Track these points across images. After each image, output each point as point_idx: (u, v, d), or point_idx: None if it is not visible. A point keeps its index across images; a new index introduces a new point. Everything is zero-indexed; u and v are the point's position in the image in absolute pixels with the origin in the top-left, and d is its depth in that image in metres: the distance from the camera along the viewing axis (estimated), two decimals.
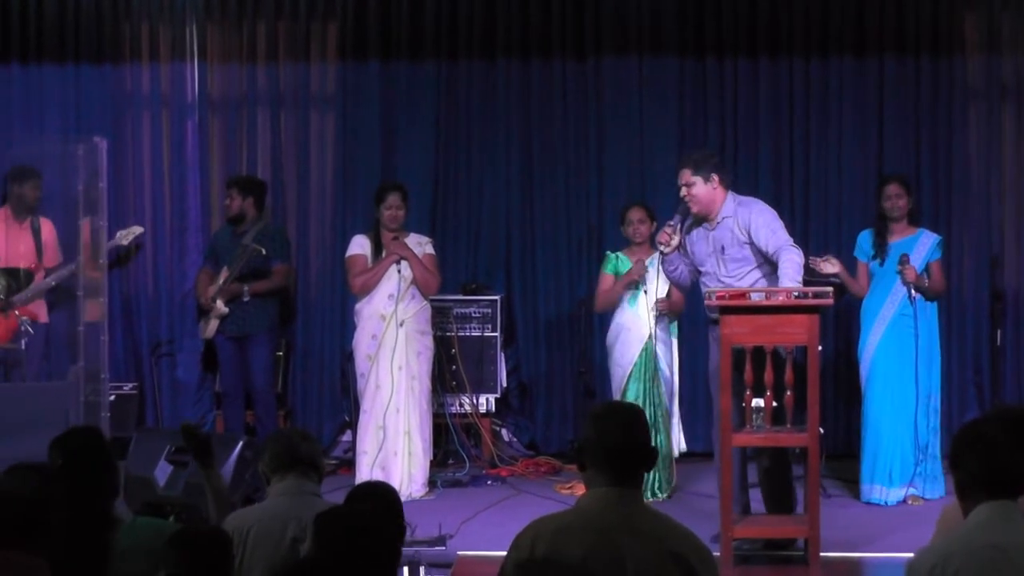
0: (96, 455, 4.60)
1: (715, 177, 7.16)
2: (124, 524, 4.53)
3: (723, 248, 7.14)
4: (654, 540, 3.66)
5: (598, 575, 3.58)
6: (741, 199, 7.26)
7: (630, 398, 8.28)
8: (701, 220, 7.24)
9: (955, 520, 4.04)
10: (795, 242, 7.11)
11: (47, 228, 9.22)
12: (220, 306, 9.09)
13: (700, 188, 7.15)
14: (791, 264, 6.91)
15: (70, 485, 4.26)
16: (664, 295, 8.41)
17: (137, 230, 9.61)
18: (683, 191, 7.19)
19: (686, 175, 7.18)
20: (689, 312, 8.76)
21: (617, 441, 3.75)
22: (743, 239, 7.11)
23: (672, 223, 7.23)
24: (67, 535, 4.02)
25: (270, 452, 4.83)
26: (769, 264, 7.09)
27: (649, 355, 8.40)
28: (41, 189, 9.21)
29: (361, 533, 3.75)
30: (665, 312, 8.40)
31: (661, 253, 7.25)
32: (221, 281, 9.10)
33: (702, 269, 7.26)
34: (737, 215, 7.14)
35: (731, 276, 7.13)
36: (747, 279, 7.11)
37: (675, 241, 7.21)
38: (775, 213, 7.25)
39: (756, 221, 7.09)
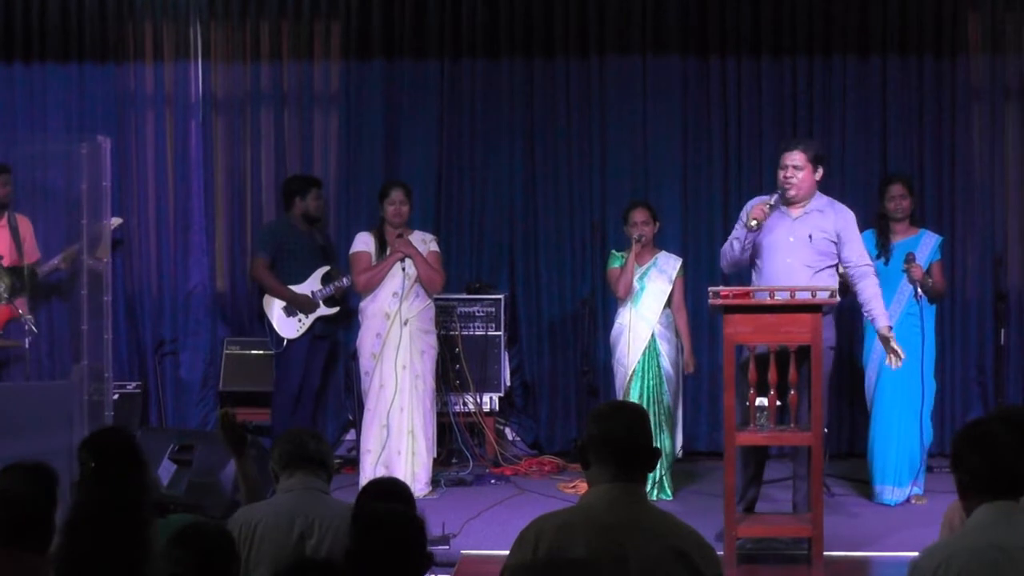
0: (127, 454, 4.60)
1: (820, 170, 7.32)
2: (160, 522, 4.52)
3: (811, 237, 7.21)
4: (658, 536, 3.67)
5: (602, 572, 3.59)
6: (829, 199, 7.42)
7: (633, 397, 8.27)
8: (778, 206, 7.29)
9: (960, 519, 4.04)
10: None
11: (24, 225, 9.16)
12: (323, 307, 9.09)
13: (807, 175, 7.24)
14: (879, 295, 7.30)
15: (103, 485, 4.25)
16: (663, 301, 8.40)
17: (116, 221, 9.47)
18: (788, 172, 7.21)
19: (799, 157, 7.24)
20: (692, 310, 8.77)
21: (621, 437, 3.78)
22: (832, 237, 7.24)
23: (771, 201, 7.21)
24: (103, 535, 4.01)
25: (279, 450, 4.84)
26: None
27: (653, 354, 8.39)
28: (11, 185, 9.16)
29: (405, 531, 3.74)
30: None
31: (749, 228, 7.17)
32: (339, 282, 9.04)
33: (769, 254, 7.24)
34: (832, 213, 7.28)
35: (812, 266, 7.21)
36: (825, 272, 7.24)
37: (765, 222, 7.18)
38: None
39: (852, 230, 7.32)
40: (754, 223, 7.13)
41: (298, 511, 4.60)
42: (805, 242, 7.21)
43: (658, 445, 8.22)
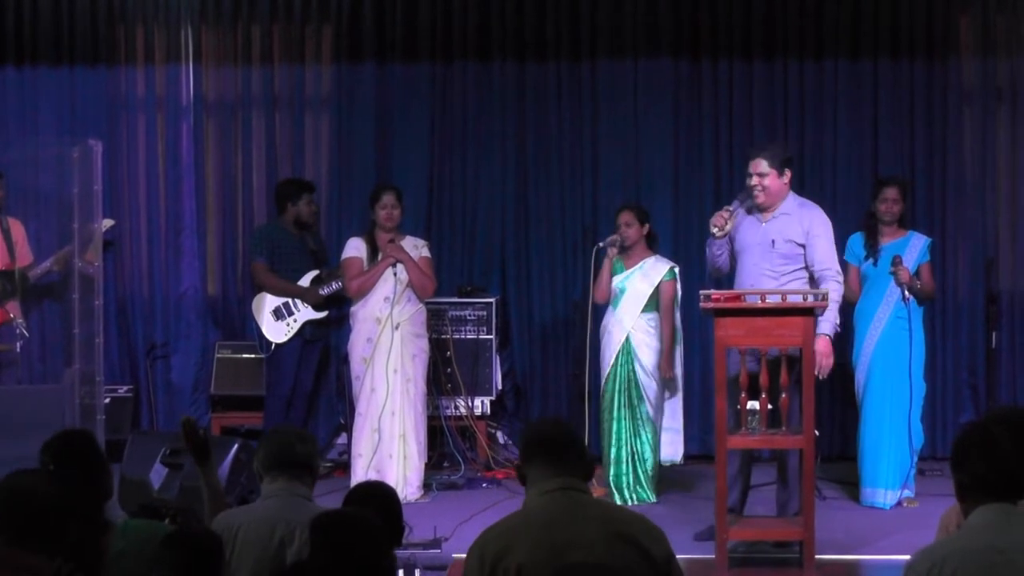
0: (87, 458, 4.59)
1: (788, 172, 7.28)
2: (117, 527, 4.52)
3: (773, 242, 7.17)
4: (600, 524, 3.70)
5: (545, 570, 3.60)
6: (802, 200, 7.37)
7: (607, 401, 8.33)
8: (752, 209, 7.26)
9: (956, 524, 4.04)
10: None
11: (17, 228, 9.17)
12: (311, 311, 9.09)
13: (774, 181, 7.21)
14: (837, 302, 7.15)
15: (61, 489, 4.25)
16: (642, 304, 8.39)
17: (108, 222, 9.47)
18: (754, 180, 7.20)
19: (761, 165, 7.21)
20: (683, 314, 8.76)
21: (549, 433, 3.88)
22: (799, 240, 7.18)
23: (731, 208, 7.20)
24: (59, 539, 4.01)
25: (265, 450, 4.77)
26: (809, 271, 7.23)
27: (627, 357, 8.37)
28: (5, 189, 9.18)
29: (358, 537, 3.75)
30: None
31: (713, 236, 7.18)
32: (331, 285, 9.05)
33: (741, 257, 7.25)
34: (799, 216, 7.23)
35: (775, 271, 7.16)
36: (792, 276, 7.18)
37: (728, 227, 7.16)
38: (831, 227, 7.34)
39: (817, 231, 7.21)
40: (715, 230, 7.15)
41: (279, 517, 4.58)
42: (768, 248, 7.19)
43: (636, 450, 8.28)
